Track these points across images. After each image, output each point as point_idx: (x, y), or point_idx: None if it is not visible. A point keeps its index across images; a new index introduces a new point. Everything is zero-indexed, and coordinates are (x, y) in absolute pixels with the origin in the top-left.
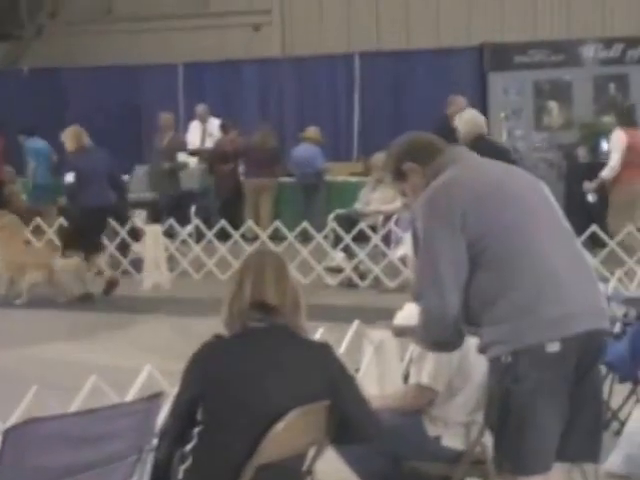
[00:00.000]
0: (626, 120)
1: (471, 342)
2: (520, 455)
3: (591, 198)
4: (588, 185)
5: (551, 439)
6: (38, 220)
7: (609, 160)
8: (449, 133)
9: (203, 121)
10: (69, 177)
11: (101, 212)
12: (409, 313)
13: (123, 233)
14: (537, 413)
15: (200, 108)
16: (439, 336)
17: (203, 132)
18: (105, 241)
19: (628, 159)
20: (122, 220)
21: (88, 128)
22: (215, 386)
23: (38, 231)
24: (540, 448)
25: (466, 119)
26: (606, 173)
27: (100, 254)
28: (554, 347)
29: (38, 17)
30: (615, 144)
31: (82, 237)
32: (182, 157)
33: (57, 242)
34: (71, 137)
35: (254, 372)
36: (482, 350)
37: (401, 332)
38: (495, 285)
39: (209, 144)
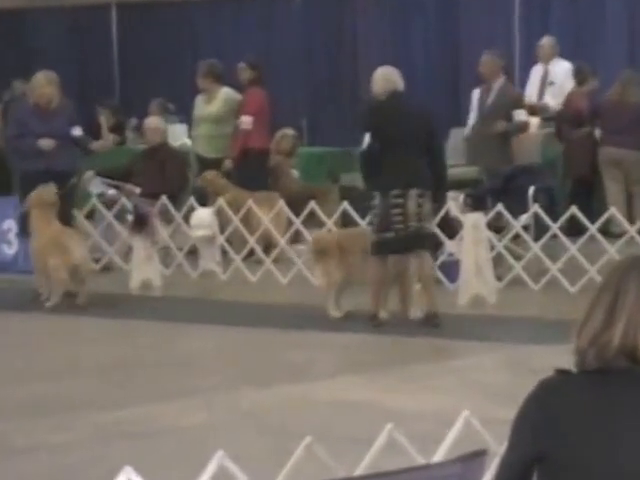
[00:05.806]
0: None
1: None
2: None
3: None
4: None
5: None
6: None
7: None
8: None
9: (546, 63)
10: None
11: None
12: None
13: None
14: None
15: (544, 44)
16: None
17: (543, 80)
18: None
19: None
20: None
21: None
22: (555, 441)
23: (311, 220)
24: None
25: None
26: None
27: None
28: None
29: None
30: None
31: None
32: (518, 117)
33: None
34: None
35: (608, 425)
36: None
37: None
38: None
39: (550, 98)
